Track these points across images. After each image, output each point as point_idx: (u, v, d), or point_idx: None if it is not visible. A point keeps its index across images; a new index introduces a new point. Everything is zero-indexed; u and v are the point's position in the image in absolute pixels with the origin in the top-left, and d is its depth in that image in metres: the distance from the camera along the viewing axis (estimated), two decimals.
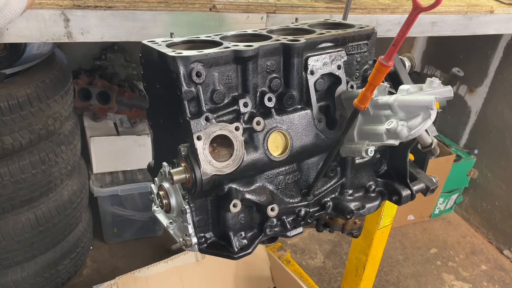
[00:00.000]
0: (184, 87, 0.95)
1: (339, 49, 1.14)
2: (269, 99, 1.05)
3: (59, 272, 2.49)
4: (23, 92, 1.94)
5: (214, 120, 0.98)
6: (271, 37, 1.10)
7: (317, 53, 1.11)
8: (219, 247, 1.08)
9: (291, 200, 1.15)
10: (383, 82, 1.01)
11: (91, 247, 2.93)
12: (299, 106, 1.12)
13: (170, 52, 0.96)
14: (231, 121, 1.00)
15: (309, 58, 1.09)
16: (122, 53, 3.20)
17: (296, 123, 1.09)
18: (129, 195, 2.85)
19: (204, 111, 0.97)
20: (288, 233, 1.15)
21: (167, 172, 1.01)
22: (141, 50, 1.07)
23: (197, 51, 0.97)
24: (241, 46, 1.01)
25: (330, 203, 1.22)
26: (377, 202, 1.27)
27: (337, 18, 1.72)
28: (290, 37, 1.09)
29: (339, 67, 1.14)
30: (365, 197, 1.27)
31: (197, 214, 1.04)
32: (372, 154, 1.05)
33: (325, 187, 1.21)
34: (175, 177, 0.96)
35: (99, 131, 2.84)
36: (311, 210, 1.19)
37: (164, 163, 1.04)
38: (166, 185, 1.07)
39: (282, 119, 1.07)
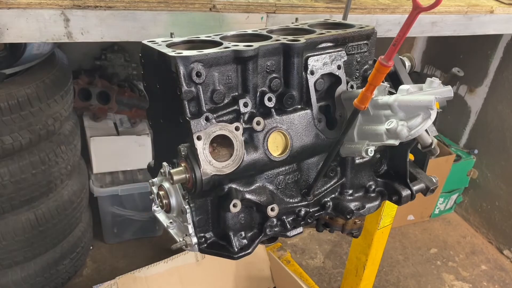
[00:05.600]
0: (184, 87, 0.95)
1: (339, 49, 1.14)
2: (269, 99, 1.05)
3: (59, 272, 2.49)
4: (23, 92, 1.94)
5: (214, 120, 0.98)
6: (271, 37, 1.10)
7: (317, 53, 1.11)
8: (219, 247, 1.08)
9: (291, 200, 1.15)
10: (383, 82, 1.01)
11: (91, 247, 2.93)
12: (299, 106, 1.11)
13: (170, 52, 0.96)
14: (231, 121, 1.00)
15: (309, 58, 1.09)
16: (122, 53, 3.20)
17: (296, 123, 1.09)
18: (129, 195, 2.85)
19: (204, 111, 0.97)
20: (288, 233, 1.15)
21: (167, 172, 1.01)
22: (141, 50, 1.07)
23: (197, 51, 0.97)
24: (241, 46, 1.01)
25: (330, 203, 1.22)
26: (377, 202, 1.27)
27: (337, 18, 1.72)
28: (290, 37, 1.09)
29: (339, 67, 1.14)
30: (365, 197, 1.27)
31: (197, 214, 1.04)
32: (372, 154, 1.05)
33: (325, 187, 1.21)
34: (175, 177, 0.96)
35: (99, 131, 2.84)
36: (311, 210, 1.19)
37: (164, 163, 1.04)
38: (166, 185, 1.07)
39: (282, 119, 1.07)
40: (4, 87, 1.92)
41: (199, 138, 0.94)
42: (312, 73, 1.10)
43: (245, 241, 1.09)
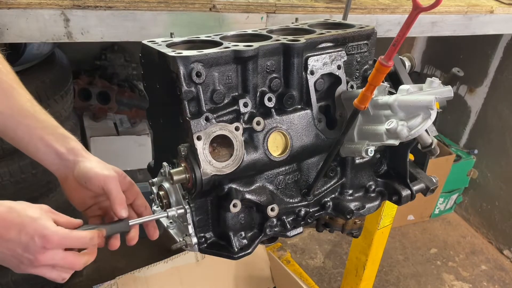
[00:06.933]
0: (184, 87, 0.95)
1: (339, 49, 1.14)
2: (269, 99, 1.05)
3: None
4: None
5: (214, 120, 0.98)
6: (271, 37, 1.10)
7: (317, 53, 1.11)
8: (219, 247, 1.08)
9: (291, 200, 1.15)
10: (383, 82, 1.01)
11: None
12: (299, 106, 1.11)
13: (170, 52, 0.96)
14: (231, 121, 1.00)
15: (309, 58, 1.09)
16: (122, 53, 3.20)
17: (296, 123, 1.09)
18: None
19: (204, 111, 0.97)
20: (288, 233, 1.14)
21: (167, 172, 1.01)
22: (141, 50, 1.07)
23: (197, 51, 0.97)
24: (241, 46, 1.01)
25: (330, 203, 1.22)
26: (377, 202, 1.27)
27: (337, 18, 1.72)
28: (290, 37, 1.09)
29: (339, 67, 1.14)
30: (365, 197, 1.26)
31: (197, 214, 1.04)
32: (372, 154, 1.05)
33: (325, 187, 1.21)
34: (175, 177, 0.96)
35: (99, 131, 2.84)
36: (311, 210, 1.18)
37: (164, 163, 1.04)
38: (166, 185, 1.07)
39: (282, 119, 1.07)
40: None
41: (199, 138, 0.94)
42: (312, 73, 1.10)
43: (245, 241, 1.09)
